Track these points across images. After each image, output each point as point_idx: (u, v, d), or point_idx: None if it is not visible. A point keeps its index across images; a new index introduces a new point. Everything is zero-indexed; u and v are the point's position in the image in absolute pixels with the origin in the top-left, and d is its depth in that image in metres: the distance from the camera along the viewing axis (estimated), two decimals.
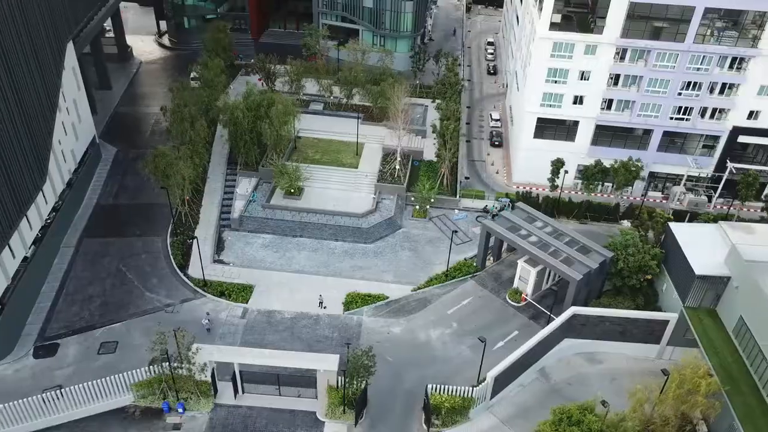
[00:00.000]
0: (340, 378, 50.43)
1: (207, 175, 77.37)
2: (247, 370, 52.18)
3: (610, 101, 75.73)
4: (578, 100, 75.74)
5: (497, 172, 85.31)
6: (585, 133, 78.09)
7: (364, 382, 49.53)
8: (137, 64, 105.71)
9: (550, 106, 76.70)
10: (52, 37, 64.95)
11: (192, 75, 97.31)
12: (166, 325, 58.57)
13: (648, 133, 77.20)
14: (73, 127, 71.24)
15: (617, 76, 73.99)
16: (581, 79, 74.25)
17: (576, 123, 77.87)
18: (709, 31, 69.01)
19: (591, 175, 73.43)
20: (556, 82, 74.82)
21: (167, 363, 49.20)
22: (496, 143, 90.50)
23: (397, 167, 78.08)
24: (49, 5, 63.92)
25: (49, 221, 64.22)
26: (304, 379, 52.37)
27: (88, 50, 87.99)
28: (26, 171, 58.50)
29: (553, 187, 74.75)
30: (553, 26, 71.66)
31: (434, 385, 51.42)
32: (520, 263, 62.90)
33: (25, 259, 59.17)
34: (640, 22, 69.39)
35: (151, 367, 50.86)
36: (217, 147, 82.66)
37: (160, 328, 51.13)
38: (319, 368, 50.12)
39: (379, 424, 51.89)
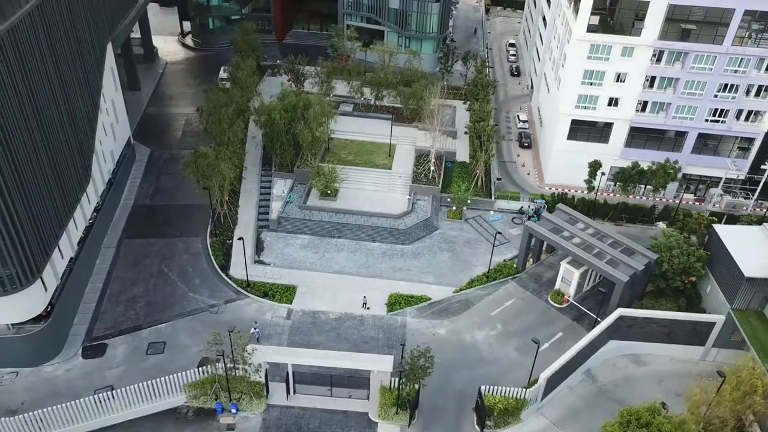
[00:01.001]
0: (393, 379, 50.53)
1: (242, 176, 77.39)
2: (298, 371, 52.23)
3: (645, 103, 75.92)
4: (613, 102, 75.94)
5: (528, 174, 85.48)
6: (619, 135, 78.29)
7: (419, 383, 49.54)
8: (163, 64, 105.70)
9: (585, 107, 76.87)
10: (95, 37, 65.03)
11: (221, 76, 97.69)
12: (212, 326, 58.89)
13: (682, 135, 77.38)
14: (112, 127, 71.32)
15: (653, 78, 74.24)
16: (617, 81, 74.42)
17: (610, 125, 78.07)
18: (746, 33, 69.22)
19: (628, 176, 73.49)
20: (591, 84, 74.99)
21: (223, 363, 49.21)
22: (526, 144, 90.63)
23: (432, 168, 78.17)
24: (92, 5, 63.96)
25: (91, 222, 64.26)
26: (356, 380, 52.49)
27: (118, 51, 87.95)
28: (73, 171, 58.59)
29: (590, 189, 74.85)
30: (591, 28, 71.85)
31: (487, 387, 51.48)
32: (563, 265, 63.01)
33: (70, 259, 59.21)
34: (678, 24, 69.63)
35: (206, 367, 50.89)
36: (249, 147, 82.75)
37: (215, 329, 51.27)
38: (374, 369, 50.22)
39: (432, 425, 51.99)
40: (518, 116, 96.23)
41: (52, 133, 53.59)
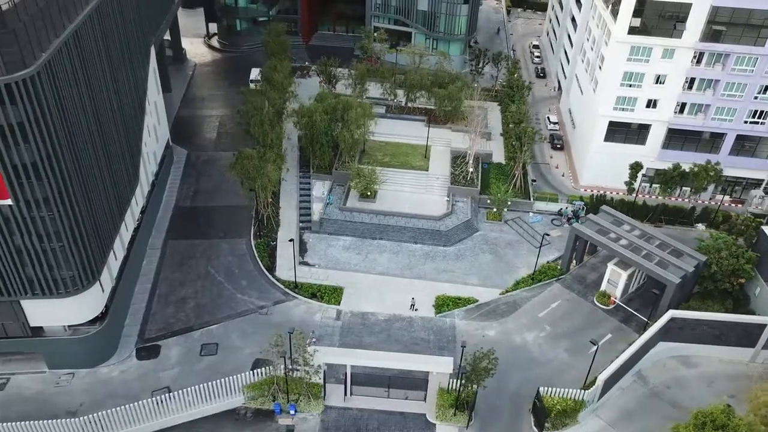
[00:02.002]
0: (452, 380, 50.64)
1: (282, 178, 77.51)
2: (356, 372, 52.33)
3: (683, 104, 76.00)
4: (652, 103, 76.02)
5: (563, 175, 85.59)
6: (656, 137, 78.36)
7: (478, 384, 49.63)
8: (192, 66, 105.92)
9: (623, 109, 76.93)
10: (141, 39, 65.24)
11: (252, 77, 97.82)
12: (262, 328, 59.43)
13: (719, 136, 77.38)
14: (155, 129, 71.51)
15: (692, 80, 74.34)
16: (656, 82, 74.52)
17: (647, 126, 78.17)
18: None
19: (670, 178, 73.59)
20: (630, 85, 75.05)
21: (284, 365, 49.34)
22: (558, 146, 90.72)
23: (471, 170, 78.30)
24: (138, 7, 64.15)
25: (138, 223, 64.42)
26: (413, 381, 52.60)
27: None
28: (125, 172, 58.80)
29: (630, 191, 74.96)
30: (632, 30, 71.95)
31: (546, 388, 51.60)
32: (610, 266, 63.09)
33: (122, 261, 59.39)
34: (719, 26, 69.73)
35: (265, 368, 51.04)
36: (286, 149, 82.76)
37: (266, 331, 51.50)
38: (434, 370, 50.33)
39: (489, 426, 52.12)
40: (548, 118, 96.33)
41: (108, 134, 53.78)
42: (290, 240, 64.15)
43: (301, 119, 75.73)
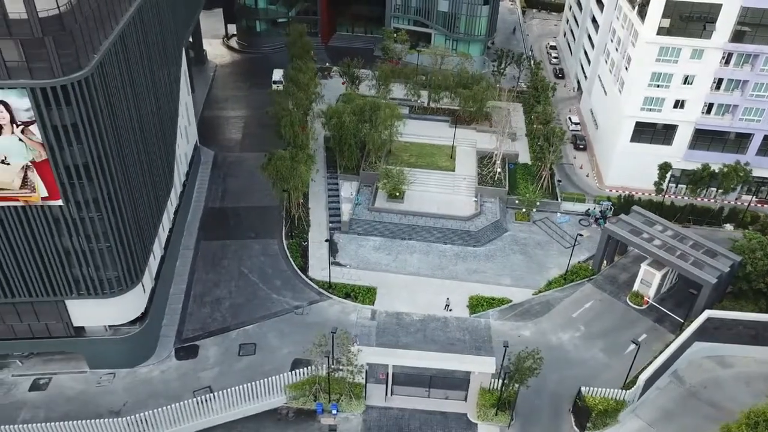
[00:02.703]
0: (493, 380, 50.81)
1: (311, 178, 77.68)
2: (396, 372, 52.48)
3: (711, 105, 76.15)
4: (679, 104, 76.17)
5: (587, 175, 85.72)
6: (683, 137, 78.49)
7: (521, 384, 49.77)
8: (213, 67, 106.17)
9: (650, 110, 77.06)
10: (175, 41, 65.50)
11: (274, 79, 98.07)
12: (299, 327, 59.70)
13: (746, 137, 77.48)
14: (185, 130, 71.75)
15: (720, 80, 74.49)
16: (684, 83, 74.67)
17: (673, 127, 78.29)
18: None
19: (699, 178, 73.74)
20: (658, 86, 75.19)
21: (327, 364, 49.53)
22: (581, 147, 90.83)
23: (498, 170, 78.46)
24: (173, 9, 64.40)
25: (172, 224, 64.64)
26: (453, 381, 52.76)
27: None
28: (162, 173, 59.03)
29: (659, 191, 75.08)
30: (661, 31, 72.11)
31: (588, 388, 51.74)
32: (644, 267, 63.22)
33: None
34: (749, 26, 69.87)
35: (307, 368, 51.24)
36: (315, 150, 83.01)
37: (302, 331, 51.67)
38: (476, 370, 50.50)
39: (530, 426, 52.29)
40: (569, 118, 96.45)
41: (148, 135, 54.01)
42: (326, 240, 64.38)
43: (330, 120, 75.91)
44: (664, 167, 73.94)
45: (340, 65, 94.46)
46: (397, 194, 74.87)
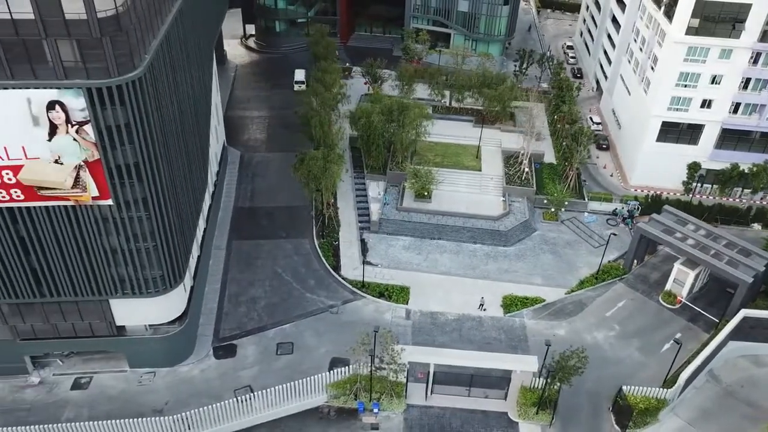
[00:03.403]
0: (534, 378, 50.97)
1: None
2: (437, 371, 52.64)
3: (738, 104, 76.29)
4: (706, 103, 76.29)
5: (611, 175, 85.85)
6: (709, 137, 78.60)
7: (564, 383, 49.91)
8: (233, 68, 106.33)
9: (677, 109, 77.18)
10: (208, 42, 65.69)
11: (296, 79, 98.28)
12: (335, 327, 59.89)
13: None
14: (215, 130, 71.93)
15: (747, 80, 74.59)
16: (712, 82, 74.82)
17: (699, 126, 78.40)
18: None
19: (728, 178, 73.87)
20: (686, 86, 75.32)
21: (370, 363, 49.70)
22: (604, 146, 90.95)
23: (526, 170, 78.62)
24: (205, 10, 64.62)
25: (206, 222, 64.87)
26: (492, 380, 52.92)
27: None
28: (199, 172, 59.24)
29: (687, 190, 75.21)
30: (689, 31, 72.21)
31: (629, 387, 51.91)
32: (677, 266, 63.36)
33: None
34: None
35: (351, 366, 51.44)
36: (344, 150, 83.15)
37: (338, 330, 51.77)
38: (518, 369, 50.65)
39: (571, 425, 52.43)
40: (591, 118, 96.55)
41: (187, 134, 54.19)
42: (361, 240, 64.56)
43: (359, 121, 76.05)
44: (694, 167, 74.09)
45: (363, 65, 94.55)
46: (425, 194, 75.02)
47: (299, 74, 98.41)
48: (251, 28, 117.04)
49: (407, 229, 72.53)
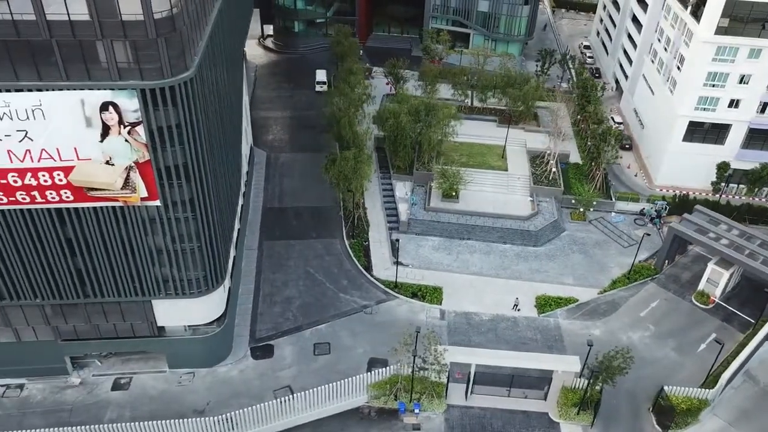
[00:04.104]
0: (575, 379, 50.95)
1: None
2: (477, 371, 52.63)
3: (765, 104, 76.22)
4: (734, 103, 76.25)
5: (636, 175, 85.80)
6: (736, 137, 78.55)
7: (608, 383, 49.86)
8: (254, 68, 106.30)
9: (705, 109, 77.14)
10: (240, 42, 65.76)
11: (318, 79, 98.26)
12: (369, 327, 59.97)
13: None
14: (245, 130, 71.95)
15: None
16: (740, 82, 74.76)
17: (725, 126, 78.34)
18: None
19: (758, 178, 73.84)
20: (714, 85, 75.29)
21: (412, 363, 49.72)
22: (627, 146, 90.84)
23: (554, 170, 78.59)
24: (237, 11, 64.64)
25: (239, 223, 64.90)
26: (531, 380, 52.92)
27: None
28: (235, 173, 59.26)
29: (716, 190, 75.17)
30: (719, 30, 72.15)
31: (671, 387, 51.89)
32: (711, 266, 63.31)
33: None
34: None
35: (390, 367, 51.46)
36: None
37: (373, 330, 51.75)
38: (559, 369, 50.64)
39: (612, 426, 52.41)
40: (612, 118, 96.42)
41: (226, 135, 54.24)
42: (396, 240, 64.53)
43: (386, 121, 76.03)
44: (723, 167, 74.04)
45: (385, 66, 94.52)
46: (453, 194, 75.02)
47: (320, 75, 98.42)
48: (269, 29, 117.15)
49: (436, 230, 72.51)
